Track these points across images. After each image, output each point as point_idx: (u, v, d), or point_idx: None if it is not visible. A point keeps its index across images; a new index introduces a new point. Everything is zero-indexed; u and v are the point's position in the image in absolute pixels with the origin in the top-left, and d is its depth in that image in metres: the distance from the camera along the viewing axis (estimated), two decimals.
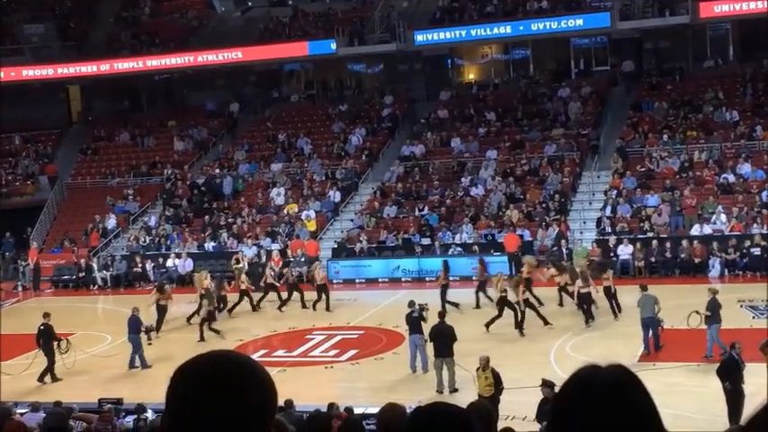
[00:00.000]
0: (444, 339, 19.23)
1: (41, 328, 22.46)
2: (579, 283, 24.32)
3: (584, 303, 24.01)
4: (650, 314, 21.05)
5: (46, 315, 22.87)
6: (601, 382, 1.80)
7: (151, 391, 18.34)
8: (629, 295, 27.33)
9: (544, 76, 42.63)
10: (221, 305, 27.60)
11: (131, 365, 22.79)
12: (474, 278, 27.61)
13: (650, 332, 21.00)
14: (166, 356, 22.36)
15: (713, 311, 20.27)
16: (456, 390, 18.90)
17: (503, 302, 23.85)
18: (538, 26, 39.22)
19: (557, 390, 1.91)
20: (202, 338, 24.86)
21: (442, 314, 20.38)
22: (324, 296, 27.89)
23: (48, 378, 22.07)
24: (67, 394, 19.42)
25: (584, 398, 1.80)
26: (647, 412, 1.78)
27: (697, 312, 20.74)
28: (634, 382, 1.83)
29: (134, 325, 23.05)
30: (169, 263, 34.57)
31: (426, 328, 20.41)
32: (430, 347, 19.99)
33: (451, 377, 19.17)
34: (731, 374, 16.22)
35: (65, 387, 21.33)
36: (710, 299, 20.59)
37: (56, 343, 22.34)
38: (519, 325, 23.58)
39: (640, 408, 1.79)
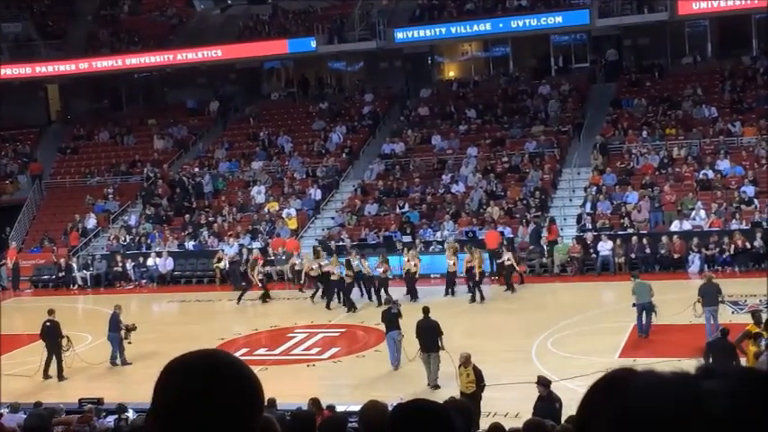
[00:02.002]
0: (430, 335, 19.30)
1: (47, 324, 22.35)
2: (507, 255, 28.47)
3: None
4: (648, 299, 21.56)
5: (51, 312, 22.66)
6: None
7: (132, 390, 18.30)
8: (611, 291, 27.55)
9: (524, 74, 42.75)
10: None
11: (113, 362, 22.85)
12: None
13: (644, 316, 21.59)
14: (147, 356, 22.26)
15: (703, 296, 20.89)
16: (437, 386, 18.93)
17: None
18: (517, 23, 39.34)
19: (588, 387, 1.90)
20: None
21: (426, 310, 20.34)
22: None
23: (42, 373, 22.00)
24: (49, 394, 19.36)
25: (614, 397, 1.80)
26: None
27: (698, 302, 21.29)
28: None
29: (114, 323, 23.07)
30: (150, 262, 34.47)
31: (404, 324, 20.56)
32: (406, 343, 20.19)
33: (435, 372, 19.23)
34: (713, 354, 16.42)
35: (46, 387, 21.25)
36: (702, 284, 21.43)
37: (61, 340, 22.30)
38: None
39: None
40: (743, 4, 36.29)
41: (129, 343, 23.08)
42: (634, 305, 22.02)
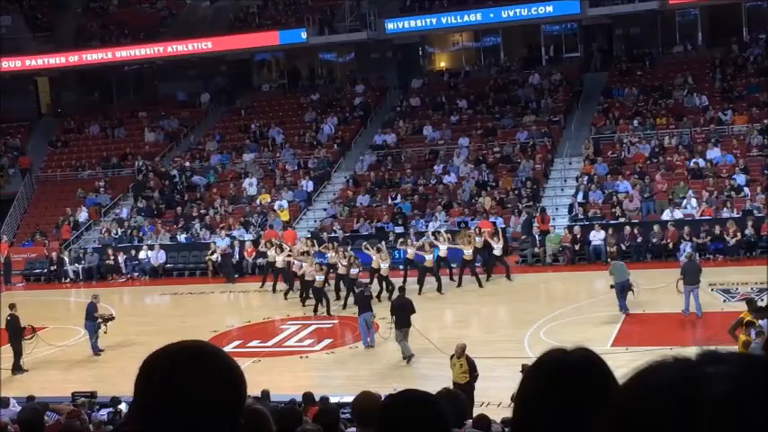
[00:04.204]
0: (405, 312, 20.66)
1: (8, 319, 22.45)
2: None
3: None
4: (626, 277, 22.56)
5: (12, 306, 22.81)
6: (569, 363, 1.84)
7: (126, 383, 18.27)
8: (603, 280, 27.57)
9: (515, 63, 42.72)
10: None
11: (95, 351, 23.16)
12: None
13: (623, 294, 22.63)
14: (140, 348, 22.24)
15: (684, 273, 21.90)
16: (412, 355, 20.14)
17: None
18: (508, 13, 39.26)
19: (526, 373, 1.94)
20: None
21: (402, 289, 22.53)
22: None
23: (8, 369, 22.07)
24: (43, 387, 19.33)
25: (554, 378, 1.84)
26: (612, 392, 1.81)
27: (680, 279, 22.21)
28: (600, 362, 1.87)
29: (89, 311, 23.35)
30: (142, 255, 34.40)
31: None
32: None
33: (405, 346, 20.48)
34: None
35: (36, 380, 21.21)
36: (684, 263, 23.02)
37: (27, 335, 22.40)
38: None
39: (607, 388, 1.82)
40: None
41: (105, 332, 23.23)
42: (612, 286, 22.54)
